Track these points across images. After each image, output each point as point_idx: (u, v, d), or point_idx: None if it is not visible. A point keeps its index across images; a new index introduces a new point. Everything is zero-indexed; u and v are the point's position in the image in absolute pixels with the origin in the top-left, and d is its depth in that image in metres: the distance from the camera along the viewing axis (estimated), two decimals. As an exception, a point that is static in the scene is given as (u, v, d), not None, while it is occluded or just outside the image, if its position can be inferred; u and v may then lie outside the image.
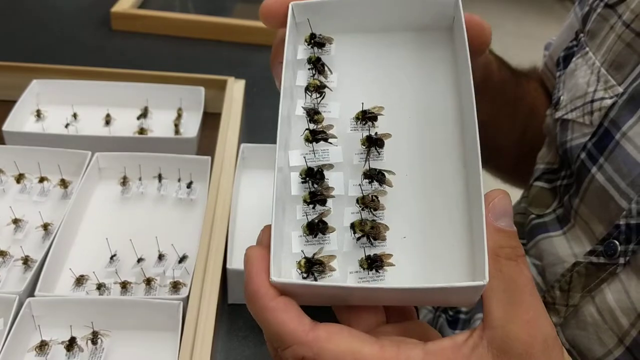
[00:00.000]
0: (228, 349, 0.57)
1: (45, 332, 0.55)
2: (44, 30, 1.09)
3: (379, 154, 0.40)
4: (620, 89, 0.52)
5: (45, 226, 0.65)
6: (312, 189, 0.39)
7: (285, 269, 0.37)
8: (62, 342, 0.54)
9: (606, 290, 0.50)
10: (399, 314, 0.38)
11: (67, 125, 0.79)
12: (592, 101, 0.55)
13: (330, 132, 0.41)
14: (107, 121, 0.80)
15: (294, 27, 0.43)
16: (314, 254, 0.36)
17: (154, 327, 0.56)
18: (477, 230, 0.35)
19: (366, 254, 0.36)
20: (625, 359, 0.49)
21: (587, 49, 0.58)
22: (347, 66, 0.44)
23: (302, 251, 0.37)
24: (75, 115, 0.81)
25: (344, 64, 0.44)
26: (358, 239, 0.37)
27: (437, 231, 0.38)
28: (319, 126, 0.41)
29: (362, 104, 0.41)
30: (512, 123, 0.71)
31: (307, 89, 0.42)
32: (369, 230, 0.37)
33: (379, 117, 0.41)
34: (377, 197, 0.38)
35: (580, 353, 0.53)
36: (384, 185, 0.39)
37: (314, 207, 0.38)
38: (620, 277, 0.50)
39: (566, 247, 0.56)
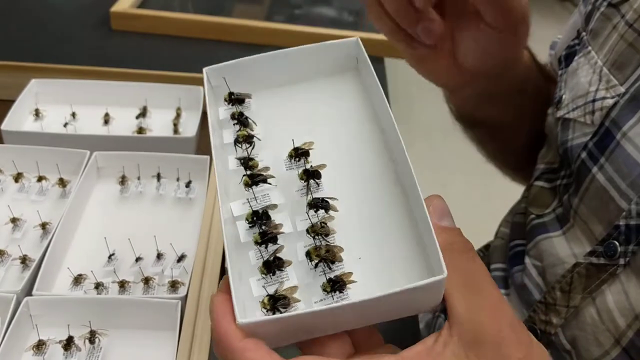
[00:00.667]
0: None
1: (42, 331, 0.54)
2: (43, 29, 1.09)
3: (318, 185, 0.42)
4: (622, 89, 0.52)
5: (44, 225, 0.65)
6: (261, 230, 0.39)
7: (250, 311, 0.37)
8: (60, 342, 0.54)
9: (607, 291, 0.50)
10: (366, 342, 0.37)
11: (65, 125, 0.79)
12: (594, 100, 0.54)
13: (268, 173, 0.42)
14: (106, 120, 0.80)
15: (211, 91, 0.45)
16: (276, 290, 0.36)
17: (152, 327, 0.56)
18: (426, 233, 0.37)
19: (327, 278, 0.37)
20: None
21: (590, 47, 0.58)
22: (270, 117, 0.46)
23: (265, 290, 0.37)
24: (74, 115, 0.81)
25: (266, 116, 0.46)
26: (316, 265, 0.38)
27: (389, 243, 0.39)
28: (256, 170, 0.42)
29: (293, 140, 0.43)
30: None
31: (236, 141, 0.43)
32: (324, 255, 0.37)
33: (310, 151, 0.43)
34: (325, 224, 0.39)
35: (579, 353, 0.53)
36: (330, 211, 0.40)
37: (266, 247, 0.39)
38: (620, 278, 0.49)
39: (566, 248, 0.56)
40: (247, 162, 0.42)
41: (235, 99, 0.45)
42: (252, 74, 0.46)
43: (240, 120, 0.44)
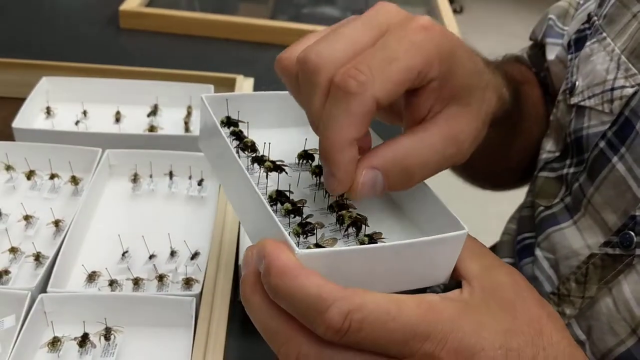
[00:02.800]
0: (241, 346, 0.57)
1: (57, 328, 0.54)
2: (53, 28, 1.09)
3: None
4: None
5: (57, 223, 0.65)
6: (288, 204, 0.40)
7: None
8: (75, 339, 0.53)
9: (623, 281, 0.50)
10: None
11: (77, 123, 0.79)
12: (612, 89, 0.54)
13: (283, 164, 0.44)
14: (117, 118, 0.80)
15: (212, 117, 0.46)
16: (316, 240, 0.38)
17: (167, 324, 0.56)
18: (434, 204, 0.40)
19: (363, 234, 0.39)
20: (637, 349, 0.49)
21: (605, 34, 0.57)
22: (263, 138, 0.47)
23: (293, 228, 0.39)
24: (85, 113, 0.81)
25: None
26: (347, 228, 0.40)
27: (408, 213, 0.43)
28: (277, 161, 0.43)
29: (306, 140, 0.45)
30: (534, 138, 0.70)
31: (242, 148, 0.45)
32: (356, 217, 0.39)
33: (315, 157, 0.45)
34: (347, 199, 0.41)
35: (593, 343, 0.53)
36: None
37: (294, 217, 0.40)
38: (637, 268, 0.49)
39: (579, 239, 0.56)
40: (260, 159, 0.43)
41: (231, 123, 0.47)
42: (247, 109, 0.48)
43: (241, 137, 0.45)
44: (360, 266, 0.35)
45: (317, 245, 0.37)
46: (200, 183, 0.72)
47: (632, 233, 0.49)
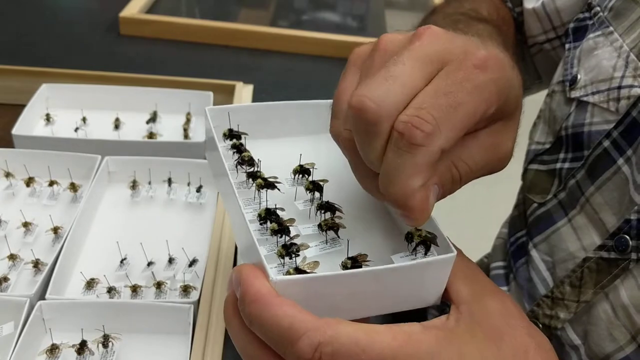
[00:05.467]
0: (238, 353, 0.57)
1: (56, 335, 0.54)
2: (53, 35, 1.10)
3: (320, 199, 0.44)
4: None
5: (56, 230, 0.65)
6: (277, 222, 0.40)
7: None
8: (73, 346, 0.54)
9: (620, 286, 0.50)
10: None
11: (76, 129, 0.80)
12: (619, 87, 0.52)
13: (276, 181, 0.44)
14: (117, 125, 0.80)
15: (212, 132, 0.46)
16: (296, 265, 0.38)
17: (165, 331, 0.56)
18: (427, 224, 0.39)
19: (347, 256, 0.38)
20: (637, 356, 0.48)
21: (611, 28, 0.55)
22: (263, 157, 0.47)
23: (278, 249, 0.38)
24: (84, 119, 0.81)
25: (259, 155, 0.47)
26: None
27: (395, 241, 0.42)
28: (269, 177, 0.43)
29: (300, 155, 0.45)
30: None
31: (239, 163, 0.45)
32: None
33: (311, 171, 0.45)
34: (335, 221, 0.41)
35: (589, 348, 0.52)
36: (337, 212, 0.42)
37: (281, 237, 0.40)
38: (633, 273, 0.49)
39: (575, 239, 0.55)
40: (255, 174, 0.44)
41: (234, 135, 0.47)
42: (249, 120, 0.48)
43: (241, 150, 0.46)
44: (341, 291, 0.34)
45: (298, 270, 0.36)
46: (199, 190, 0.72)
47: (628, 237, 0.49)
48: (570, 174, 0.57)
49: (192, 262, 0.63)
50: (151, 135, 0.80)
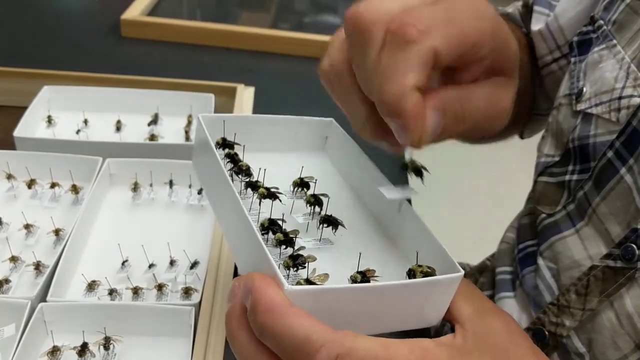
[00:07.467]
0: None
1: (57, 337, 0.54)
2: (54, 37, 1.10)
3: (320, 213, 0.44)
4: None
5: (57, 232, 0.65)
6: (280, 234, 0.40)
7: None
8: (74, 348, 0.54)
9: (625, 295, 0.50)
10: None
11: (78, 131, 0.80)
12: (620, 98, 0.53)
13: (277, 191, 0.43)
14: (118, 127, 0.81)
15: (207, 137, 0.46)
16: (307, 276, 0.37)
17: (166, 333, 0.56)
18: (429, 242, 0.40)
19: (357, 271, 0.38)
20: None
21: (615, 41, 0.56)
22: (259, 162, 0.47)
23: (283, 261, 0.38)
24: (86, 122, 0.81)
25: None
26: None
27: (402, 248, 0.43)
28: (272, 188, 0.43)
29: (302, 167, 0.45)
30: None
31: (237, 172, 0.45)
32: (426, 271, 0.38)
33: (311, 185, 0.46)
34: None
35: (594, 356, 0.52)
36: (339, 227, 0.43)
37: (286, 248, 0.39)
38: (638, 282, 0.49)
39: (581, 249, 0.55)
40: (254, 184, 0.43)
41: (227, 144, 0.47)
42: (244, 131, 0.48)
43: (235, 160, 0.45)
44: (350, 305, 0.34)
45: (308, 281, 0.36)
46: (200, 192, 0.72)
47: (634, 246, 0.49)
48: (579, 186, 0.57)
49: (194, 264, 0.63)
50: (152, 137, 0.80)
